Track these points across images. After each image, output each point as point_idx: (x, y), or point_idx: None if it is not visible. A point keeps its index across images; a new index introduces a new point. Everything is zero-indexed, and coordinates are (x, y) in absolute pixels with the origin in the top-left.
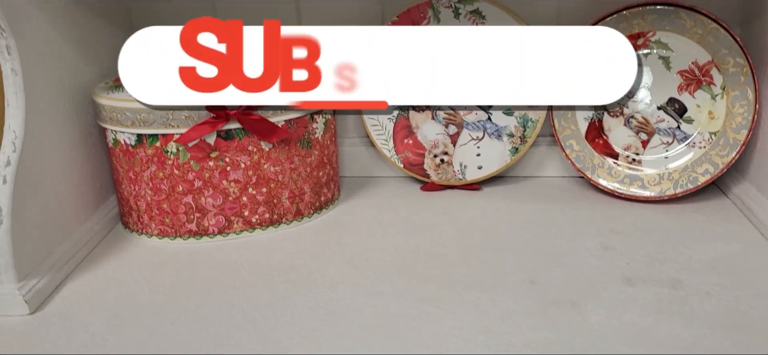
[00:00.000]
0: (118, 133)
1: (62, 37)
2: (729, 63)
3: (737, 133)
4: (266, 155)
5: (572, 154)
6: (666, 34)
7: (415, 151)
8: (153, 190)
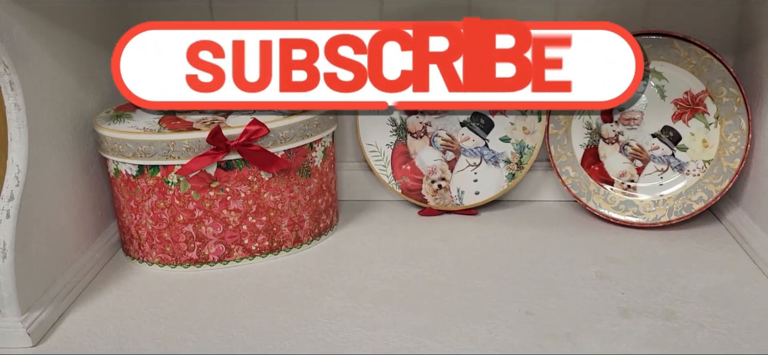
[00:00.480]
0: (119, 163)
1: (64, 69)
2: (722, 93)
3: (731, 161)
4: (266, 185)
5: (568, 180)
6: (661, 64)
7: (413, 177)
8: (154, 219)
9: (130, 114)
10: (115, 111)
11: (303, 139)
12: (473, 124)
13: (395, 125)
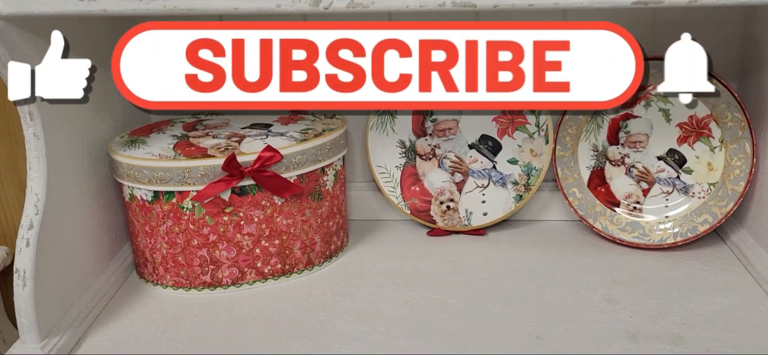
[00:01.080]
0: (135, 189)
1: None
2: (727, 117)
3: (735, 184)
4: (279, 209)
5: (575, 201)
6: None
7: (421, 198)
8: (169, 243)
9: (144, 139)
10: (129, 136)
11: (315, 163)
12: (481, 146)
13: (404, 147)
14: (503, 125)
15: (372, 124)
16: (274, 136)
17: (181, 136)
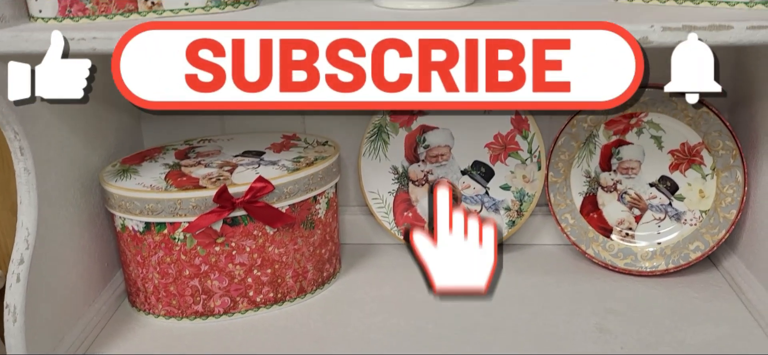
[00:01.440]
0: (126, 219)
1: (72, 130)
2: (718, 145)
3: (727, 212)
4: (271, 238)
5: (567, 227)
6: (658, 115)
7: (415, 224)
8: (160, 273)
9: (136, 168)
10: (121, 164)
11: (307, 193)
12: (474, 172)
13: (397, 173)
14: (496, 151)
15: (365, 150)
16: (266, 164)
17: (173, 166)
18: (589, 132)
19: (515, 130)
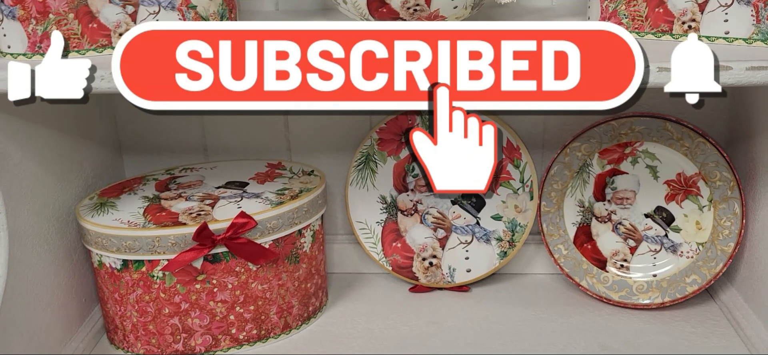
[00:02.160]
0: (103, 256)
1: (45, 167)
2: (716, 177)
3: (725, 245)
4: (254, 274)
5: (560, 258)
6: (653, 145)
7: (403, 255)
8: (139, 312)
9: (114, 202)
10: (99, 197)
11: (291, 227)
12: (464, 202)
13: (385, 203)
14: None
15: (352, 179)
16: (249, 198)
17: (153, 199)
18: (583, 161)
19: (507, 160)
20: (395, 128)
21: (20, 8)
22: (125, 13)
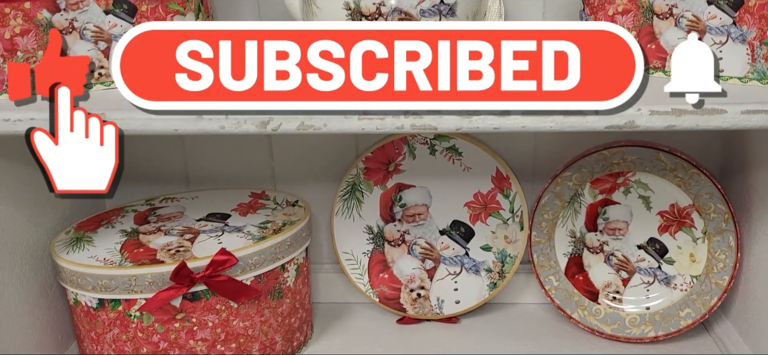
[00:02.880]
0: (79, 294)
1: (16, 205)
2: (710, 208)
3: (719, 278)
4: (235, 312)
5: (551, 290)
6: (646, 175)
7: (390, 286)
8: (116, 351)
9: (90, 237)
10: (74, 231)
11: (274, 262)
12: (453, 232)
13: (372, 233)
14: (476, 211)
15: (338, 209)
16: (230, 232)
17: (131, 233)
18: (574, 191)
19: (496, 189)
20: (382, 157)
21: None
22: (97, 48)
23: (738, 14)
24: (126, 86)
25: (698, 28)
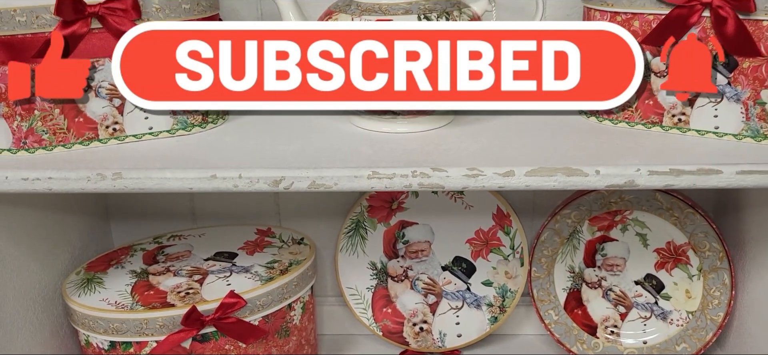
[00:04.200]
0: (90, 336)
1: (29, 252)
2: (705, 247)
3: (715, 314)
4: (243, 351)
5: (551, 324)
6: (643, 214)
7: (394, 320)
8: None
9: (100, 277)
10: (85, 272)
11: (281, 302)
12: (455, 268)
13: (375, 269)
14: (477, 247)
15: (342, 245)
16: (238, 272)
17: (140, 274)
18: (573, 228)
19: (497, 227)
20: (386, 196)
21: (5, 105)
22: (112, 105)
23: (733, 75)
24: (126, 86)
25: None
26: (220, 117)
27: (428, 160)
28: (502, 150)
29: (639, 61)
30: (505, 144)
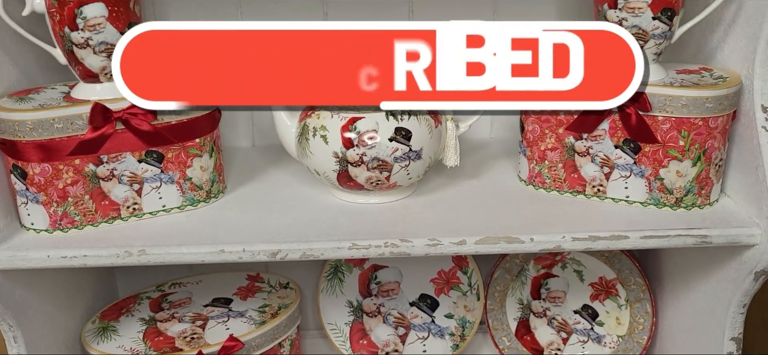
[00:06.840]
0: None
1: (55, 303)
2: (631, 281)
3: (640, 337)
4: None
5: (505, 349)
6: (579, 254)
7: (369, 350)
8: None
9: (114, 326)
10: (100, 321)
11: (272, 341)
12: (421, 304)
13: (352, 307)
14: (439, 285)
15: (322, 287)
16: (235, 317)
17: (149, 321)
18: (521, 266)
19: (456, 267)
20: None
21: (43, 194)
22: (132, 189)
23: (637, 157)
24: (126, 86)
25: (609, 164)
26: (220, 191)
27: (396, 230)
28: (456, 220)
29: (639, 61)
30: (458, 214)
